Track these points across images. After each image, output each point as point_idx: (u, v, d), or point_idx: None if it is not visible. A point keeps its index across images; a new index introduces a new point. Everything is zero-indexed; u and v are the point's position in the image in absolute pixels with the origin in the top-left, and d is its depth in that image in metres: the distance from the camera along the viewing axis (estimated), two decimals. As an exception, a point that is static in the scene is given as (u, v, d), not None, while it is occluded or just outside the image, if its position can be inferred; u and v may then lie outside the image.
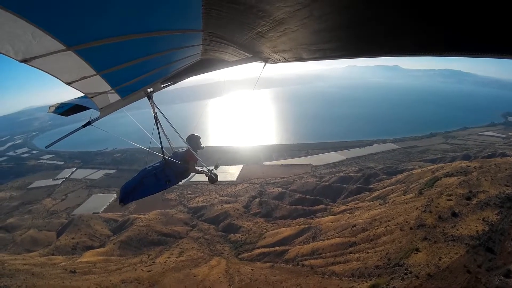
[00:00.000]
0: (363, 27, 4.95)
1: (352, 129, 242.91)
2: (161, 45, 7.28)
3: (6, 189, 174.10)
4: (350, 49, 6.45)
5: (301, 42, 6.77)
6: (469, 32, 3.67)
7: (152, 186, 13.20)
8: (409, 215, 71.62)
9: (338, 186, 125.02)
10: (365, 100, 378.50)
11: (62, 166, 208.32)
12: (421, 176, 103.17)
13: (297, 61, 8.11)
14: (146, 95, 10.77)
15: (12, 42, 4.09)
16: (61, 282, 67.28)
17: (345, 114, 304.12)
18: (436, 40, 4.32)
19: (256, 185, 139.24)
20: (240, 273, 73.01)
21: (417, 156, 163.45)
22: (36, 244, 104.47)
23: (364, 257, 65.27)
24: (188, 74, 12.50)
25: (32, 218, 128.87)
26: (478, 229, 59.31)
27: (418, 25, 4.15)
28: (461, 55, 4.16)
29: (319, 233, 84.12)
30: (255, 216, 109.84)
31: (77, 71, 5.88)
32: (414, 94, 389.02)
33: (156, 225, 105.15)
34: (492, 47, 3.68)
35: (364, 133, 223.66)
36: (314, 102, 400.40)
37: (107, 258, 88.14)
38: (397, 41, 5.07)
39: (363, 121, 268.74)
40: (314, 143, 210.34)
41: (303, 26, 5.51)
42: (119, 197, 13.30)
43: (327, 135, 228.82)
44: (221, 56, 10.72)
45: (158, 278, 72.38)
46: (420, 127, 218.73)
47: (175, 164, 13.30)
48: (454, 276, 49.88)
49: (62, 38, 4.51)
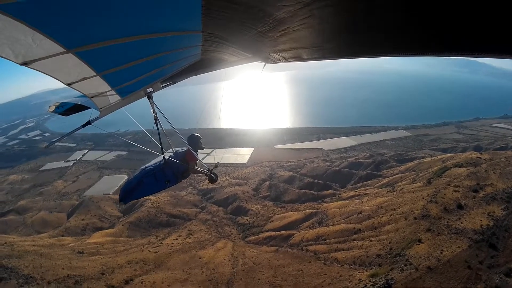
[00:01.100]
0: (363, 27, 5.04)
1: (365, 114, 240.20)
2: (161, 46, 7.40)
3: (18, 172, 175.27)
4: (350, 49, 6.59)
5: (301, 42, 6.86)
6: (469, 32, 3.76)
7: (151, 185, 13.39)
8: (415, 205, 71.23)
9: (348, 171, 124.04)
10: (379, 86, 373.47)
11: (74, 148, 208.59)
12: (431, 165, 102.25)
13: (297, 60, 8.21)
14: (146, 94, 10.97)
15: (12, 46, 4.17)
16: (68, 262, 67.94)
17: (359, 99, 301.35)
18: (435, 40, 4.38)
19: (267, 168, 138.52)
20: (245, 256, 73.34)
21: (429, 145, 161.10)
22: (46, 225, 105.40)
23: (367, 245, 65.25)
24: (188, 74, 12.61)
25: (43, 200, 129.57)
26: (483, 224, 58.78)
27: (418, 26, 4.22)
28: (461, 55, 4.22)
29: (326, 219, 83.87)
30: (264, 199, 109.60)
31: (77, 73, 5.98)
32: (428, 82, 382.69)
33: (166, 207, 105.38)
34: (492, 47, 3.74)
35: (376, 119, 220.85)
36: (328, 86, 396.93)
37: (115, 239, 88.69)
38: (396, 42, 5.20)
39: (376, 106, 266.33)
40: (326, 128, 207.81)
41: (303, 26, 5.60)
42: (119, 197, 13.55)
43: (340, 119, 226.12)
44: (221, 56, 10.84)
45: (164, 259, 73.00)
46: (433, 115, 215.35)
47: (175, 164, 13.44)
48: (454, 271, 49.61)
49: (62, 41, 4.61)
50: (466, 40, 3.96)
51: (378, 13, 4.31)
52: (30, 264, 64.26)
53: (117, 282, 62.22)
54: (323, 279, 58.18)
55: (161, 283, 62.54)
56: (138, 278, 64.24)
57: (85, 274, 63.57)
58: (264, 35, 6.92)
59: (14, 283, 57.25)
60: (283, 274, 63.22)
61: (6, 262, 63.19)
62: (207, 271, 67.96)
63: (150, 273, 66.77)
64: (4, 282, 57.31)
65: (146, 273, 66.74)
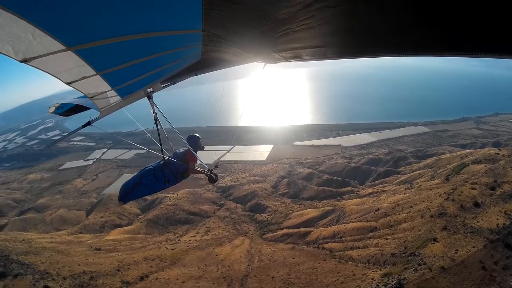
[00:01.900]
0: (363, 28, 5.04)
1: (384, 110, 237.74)
2: (161, 45, 7.34)
3: (37, 171, 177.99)
4: (350, 50, 6.59)
5: (301, 42, 6.80)
6: (469, 32, 3.73)
7: (151, 185, 13.47)
8: (432, 202, 70.53)
9: (367, 168, 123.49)
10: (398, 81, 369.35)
11: (93, 147, 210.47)
12: (450, 161, 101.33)
13: (297, 61, 8.18)
14: (146, 95, 10.94)
15: (12, 42, 4.13)
16: (84, 259, 68.97)
17: (378, 95, 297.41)
18: (436, 40, 4.35)
19: (286, 165, 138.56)
20: (261, 253, 73.61)
21: (448, 141, 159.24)
22: (65, 223, 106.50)
23: (382, 244, 64.86)
24: (188, 74, 12.56)
25: (63, 198, 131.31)
26: (499, 223, 57.69)
27: (417, 26, 4.21)
28: (461, 55, 4.16)
29: (343, 216, 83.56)
30: (282, 197, 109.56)
31: (77, 71, 5.92)
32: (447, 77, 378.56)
33: (184, 204, 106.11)
34: (492, 47, 3.72)
35: (395, 114, 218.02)
36: (348, 82, 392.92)
37: (133, 236, 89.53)
38: (396, 42, 5.16)
39: (395, 102, 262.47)
40: (345, 124, 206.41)
41: (303, 26, 5.55)
42: (119, 196, 13.52)
43: (359, 115, 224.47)
44: (221, 55, 10.76)
45: (181, 256, 73.64)
46: (451, 111, 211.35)
47: (174, 164, 13.46)
48: (468, 272, 48.91)
49: (62, 38, 4.57)
50: (467, 40, 3.94)
51: (378, 14, 4.31)
52: (46, 260, 65.33)
53: (132, 278, 63.05)
54: (336, 278, 58.05)
55: (175, 279, 63.06)
56: (153, 275, 65.03)
57: (101, 270, 64.56)
58: (264, 35, 6.92)
59: (30, 278, 58.34)
60: (297, 272, 63.25)
61: (23, 258, 64.33)
62: (222, 268, 68.39)
63: (166, 270, 67.45)
64: (20, 277, 58.39)
65: (162, 270, 67.42)
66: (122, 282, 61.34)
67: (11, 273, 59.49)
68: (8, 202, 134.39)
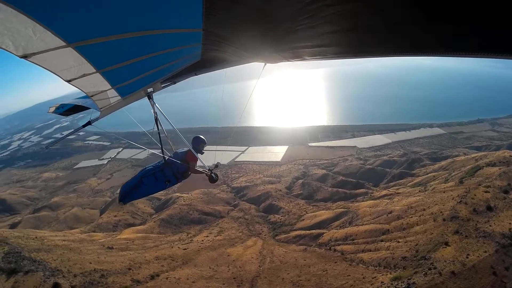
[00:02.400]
0: (364, 28, 5.02)
1: (399, 111, 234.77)
2: (161, 43, 7.33)
3: (52, 170, 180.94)
4: (351, 49, 6.51)
5: (302, 42, 6.75)
6: (469, 32, 3.76)
7: (151, 186, 13.44)
8: (445, 205, 69.73)
9: (382, 170, 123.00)
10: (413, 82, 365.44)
11: (108, 147, 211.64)
12: (464, 164, 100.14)
13: (297, 60, 8.13)
14: (146, 95, 10.98)
15: (12, 38, 4.13)
16: (96, 257, 69.39)
17: (393, 96, 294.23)
18: (436, 40, 4.37)
19: (300, 166, 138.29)
20: (273, 254, 73.41)
21: (463, 143, 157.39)
22: (79, 221, 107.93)
23: (394, 247, 64.42)
24: (188, 74, 12.52)
25: (77, 197, 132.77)
26: (511, 227, 57.01)
27: (418, 26, 4.21)
28: (461, 55, 4.20)
29: (356, 218, 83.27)
30: (296, 198, 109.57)
31: (77, 69, 5.92)
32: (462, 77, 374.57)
33: (198, 204, 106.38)
34: (493, 47, 3.76)
35: (411, 115, 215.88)
36: (364, 82, 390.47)
37: (146, 236, 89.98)
38: (397, 42, 5.23)
39: (411, 103, 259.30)
40: (360, 125, 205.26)
41: (304, 26, 5.51)
42: (119, 197, 13.54)
43: (374, 117, 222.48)
44: (221, 55, 10.74)
45: (192, 256, 73.72)
46: (467, 112, 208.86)
47: (175, 164, 13.49)
48: (478, 277, 48.19)
49: (62, 34, 4.57)
50: (467, 40, 3.97)
51: (378, 14, 4.31)
52: (58, 258, 65.81)
53: (142, 277, 63.25)
54: (345, 281, 57.85)
55: (186, 279, 63.21)
56: (164, 274, 65.13)
57: (112, 269, 64.90)
58: (264, 35, 7.00)
59: (41, 275, 58.70)
60: (307, 274, 63.09)
61: (35, 255, 64.84)
62: (233, 268, 68.31)
63: (177, 269, 67.54)
64: (31, 274, 58.77)
65: (173, 269, 67.54)
66: (132, 280, 61.64)
67: (22, 269, 59.89)
68: (22, 200, 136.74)
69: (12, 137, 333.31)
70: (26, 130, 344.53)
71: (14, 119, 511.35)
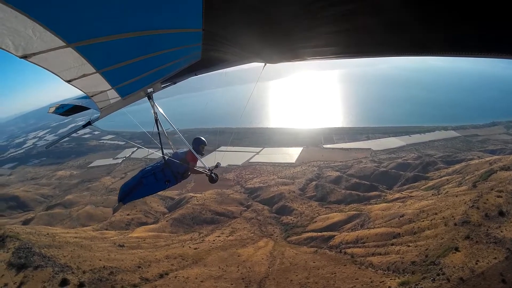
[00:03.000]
0: (364, 28, 5.05)
1: (414, 113, 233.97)
2: (161, 43, 7.32)
3: (66, 168, 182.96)
4: (351, 50, 6.63)
5: (302, 42, 6.81)
6: (469, 32, 3.83)
7: (151, 186, 13.38)
8: (456, 210, 69.30)
9: (396, 172, 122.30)
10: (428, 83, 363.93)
11: (123, 146, 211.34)
12: (478, 167, 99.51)
13: (297, 61, 8.33)
14: (146, 95, 10.97)
15: (12, 38, 4.11)
16: (106, 254, 70.05)
17: (408, 97, 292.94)
18: (436, 40, 4.42)
19: (315, 168, 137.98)
20: (283, 256, 73.29)
21: (477, 146, 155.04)
22: (91, 219, 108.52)
23: (403, 251, 64.10)
24: (188, 74, 12.50)
25: (90, 195, 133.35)
26: (523, 233, 56.16)
27: (418, 26, 4.25)
28: (461, 55, 4.31)
29: (368, 221, 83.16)
30: (309, 199, 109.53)
31: (77, 69, 5.90)
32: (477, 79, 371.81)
33: (211, 204, 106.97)
34: (493, 46, 3.85)
35: (425, 118, 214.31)
36: (379, 84, 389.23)
37: (157, 234, 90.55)
38: (397, 42, 5.32)
39: (425, 105, 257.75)
40: (375, 127, 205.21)
41: (304, 26, 5.61)
42: (118, 197, 13.56)
43: (389, 119, 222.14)
44: (221, 55, 10.79)
45: (203, 256, 74.04)
46: (481, 115, 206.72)
47: (175, 164, 13.39)
48: (487, 284, 47.46)
49: (62, 34, 4.56)
50: (466, 40, 4.03)
51: (377, 14, 4.33)
52: (68, 254, 66.85)
53: (151, 276, 63.78)
54: (353, 284, 57.68)
55: (194, 278, 63.57)
56: (173, 273, 65.52)
57: (121, 266, 65.47)
58: (265, 35, 7.02)
59: (50, 270, 59.92)
60: (316, 276, 62.97)
61: (45, 251, 66.03)
62: (243, 269, 68.41)
63: (186, 269, 67.85)
64: (40, 269, 60.10)
65: (183, 268, 67.84)
66: (141, 278, 62.14)
67: (32, 264, 61.16)
68: (36, 197, 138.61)
69: (27, 135, 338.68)
70: (41, 129, 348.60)
71: (29, 117, 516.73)
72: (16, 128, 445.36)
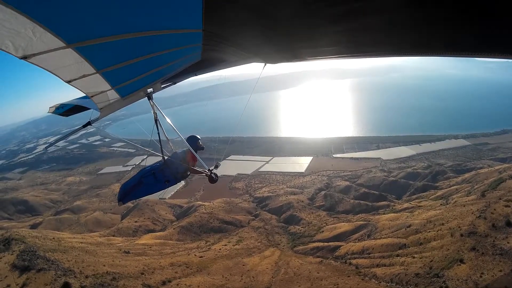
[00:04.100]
0: (363, 28, 5.05)
1: (425, 122, 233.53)
2: (161, 44, 7.36)
3: (76, 174, 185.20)
4: (351, 50, 6.61)
5: (302, 42, 6.88)
6: (469, 32, 3.81)
7: (151, 186, 13.24)
8: (463, 220, 68.69)
9: (405, 182, 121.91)
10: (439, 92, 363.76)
11: (133, 154, 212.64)
12: (488, 176, 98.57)
13: (297, 61, 8.34)
14: (146, 95, 10.83)
15: (12, 39, 4.13)
16: (111, 260, 70.67)
17: (419, 106, 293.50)
18: (435, 40, 4.44)
19: (324, 177, 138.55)
20: (288, 266, 73.07)
21: (487, 154, 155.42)
22: (99, 225, 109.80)
23: (408, 262, 63.73)
24: (188, 74, 12.54)
25: (99, 201, 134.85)
26: (530, 245, 55.27)
27: (417, 26, 4.27)
28: (461, 55, 4.34)
29: (375, 231, 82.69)
30: (318, 209, 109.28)
31: (77, 69, 5.95)
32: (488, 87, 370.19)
33: (219, 213, 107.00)
34: (493, 46, 3.83)
35: (436, 127, 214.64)
36: (388, 93, 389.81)
37: (164, 242, 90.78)
38: (396, 42, 5.35)
39: (436, 114, 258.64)
40: (385, 137, 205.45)
41: (303, 26, 5.61)
42: (118, 196, 13.37)
43: (399, 128, 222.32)
44: (221, 56, 10.77)
45: (208, 264, 74.10)
46: (492, 123, 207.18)
47: (174, 164, 13.24)
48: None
49: (62, 35, 4.59)
50: (466, 40, 4.05)
51: (377, 14, 4.34)
52: (73, 259, 67.67)
53: (154, 282, 64.09)
54: (354, 296, 57.35)
55: (197, 286, 63.89)
56: (176, 280, 65.79)
57: (125, 272, 66.01)
58: (265, 35, 7.10)
59: (52, 274, 60.89)
60: (318, 287, 62.68)
61: (50, 255, 67.07)
62: (246, 278, 68.33)
63: (190, 276, 67.98)
64: (43, 272, 61.22)
65: (186, 276, 67.99)
66: (143, 285, 62.65)
67: (35, 267, 62.37)
68: (45, 202, 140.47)
69: (38, 141, 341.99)
70: (52, 135, 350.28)
71: (41, 123, 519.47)
72: (28, 133, 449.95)
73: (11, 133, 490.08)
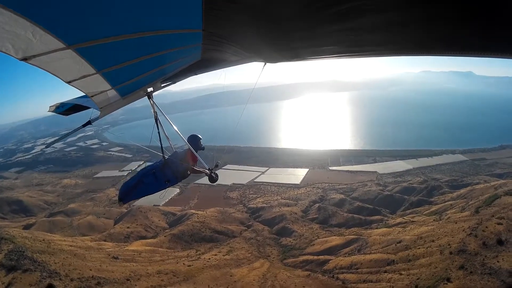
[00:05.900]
0: (363, 28, 5.08)
1: (423, 136, 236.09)
2: (161, 44, 7.39)
3: (72, 177, 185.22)
4: (351, 50, 6.59)
5: (302, 42, 6.91)
6: (468, 31, 3.84)
7: (151, 185, 13.11)
8: (454, 237, 68.59)
9: (400, 196, 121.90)
10: (438, 107, 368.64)
11: (130, 159, 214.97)
12: (483, 192, 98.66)
13: (297, 60, 8.36)
14: (146, 94, 10.93)
15: (12, 41, 4.15)
16: (98, 265, 70.78)
17: (417, 121, 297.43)
18: (435, 40, 4.48)
19: (319, 189, 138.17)
20: (275, 278, 72.91)
21: (485, 170, 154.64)
22: (92, 229, 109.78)
23: (395, 279, 63.56)
24: (188, 74, 12.54)
25: (93, 205, 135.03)
26: (520, 264, 54.99)
27: (416, 26, 4.30)
28: (460, 55, 4.33)
29: (365, 246, 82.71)
30: (311, 222, 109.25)
31: (77, 70, 5.96)
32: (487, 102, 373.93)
33: (211, 222, 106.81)
34: (493, 46, 3.85)
35: (434, 141, 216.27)
36: (386, 107, 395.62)
37: (154, 249, 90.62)
38: (396, 42, 5.39)
39: (434, 128, 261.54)
40: (382, 150, 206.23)
41: (304, 26, 5.61)
42: (118, 196, 13.29)
43: (397, 142, 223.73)
44: (221, 55, 10.74)
45: (195, 273, 73.82)
46: (490, 138, 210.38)
47: (174, 164, 13.17)
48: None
49: (62, 36, 4.60)
50: (466, 40, 4.10)
51: (376, 14, 4.36)
52: (60, 261, 67.86)
53: (138, 289, 63.90)
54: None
55: (181, 295, 63.26)
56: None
57: (110, 278, 66.08)
58: (265, 35, 7.09)
59: (38, 275, 61.56)
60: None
61: (37, 256, 67.50)
62: (231, 289, 67.78)
63: (175, 285, 68.03)
64: (28, 273, 61.84)
65: (172, 285, 68.04)
66: (128, 291, 62.53)
67: (22, 267, 63.21)
68: (39, 203, 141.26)
69: (36, 141, 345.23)
70: (50, 136, 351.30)
71: (40, 123, 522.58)
72: (26, 133, 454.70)
73: (10, 132, 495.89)
